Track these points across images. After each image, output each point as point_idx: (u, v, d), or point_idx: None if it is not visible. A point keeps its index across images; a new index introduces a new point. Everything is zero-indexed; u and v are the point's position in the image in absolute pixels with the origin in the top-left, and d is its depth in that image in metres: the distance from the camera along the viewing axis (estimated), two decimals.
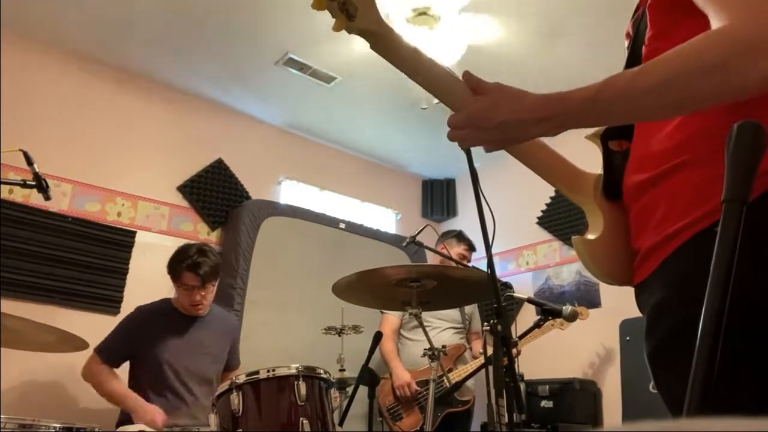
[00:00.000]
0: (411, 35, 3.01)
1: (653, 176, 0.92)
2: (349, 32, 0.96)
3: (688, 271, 0.85)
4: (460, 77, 0.98)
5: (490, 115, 0.91)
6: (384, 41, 0.97)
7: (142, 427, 2.38)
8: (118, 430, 2.43)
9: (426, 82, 1.00)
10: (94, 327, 2.99)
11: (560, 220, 4.10)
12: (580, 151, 1.22)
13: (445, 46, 3.12)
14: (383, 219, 4.74)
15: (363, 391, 2.27)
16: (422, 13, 3.04)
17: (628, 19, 1.07)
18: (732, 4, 0.78)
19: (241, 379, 1.91)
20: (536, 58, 3.43)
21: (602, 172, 1.08)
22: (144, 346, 2.59)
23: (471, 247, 3.53)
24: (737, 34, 0.75)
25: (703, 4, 0.82)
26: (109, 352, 2.59)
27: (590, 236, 1.04)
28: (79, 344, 2.08)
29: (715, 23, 0.78)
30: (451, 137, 0.96)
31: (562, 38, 3.27)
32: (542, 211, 4.28)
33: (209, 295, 2.66)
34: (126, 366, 2.68)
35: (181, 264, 2.58)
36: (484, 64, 3.44)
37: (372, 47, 0.98)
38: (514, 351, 2.56)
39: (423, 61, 0.99)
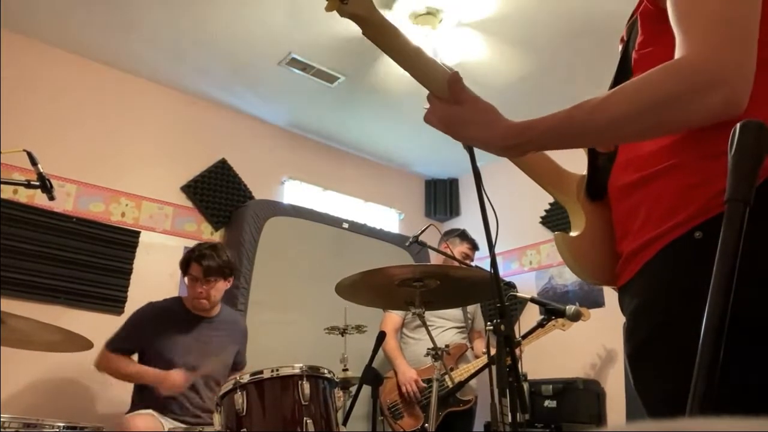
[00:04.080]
0: (414, 35, 3.02)
1: (638, 179, 0.94)
2: (341, 15, 0.97)
3: (667, 276, 0.87)
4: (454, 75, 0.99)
5: (462, 128, 0.97)
6: (375, 28, 0.98)
7: (149, 418, 2.40)
8: (124, 416, 2.46)
9: (417, 73, 1.01)
10: (99, 327, 3.00)
11: (564, 220, 4.09)
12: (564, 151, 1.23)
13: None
14: (386, 219, 4.75)
15: (366, 390, 2.27)
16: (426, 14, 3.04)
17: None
18: (692, 35, 0.80)
19: (245, 378, 1.91)
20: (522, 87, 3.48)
21: (586, 173, 1.10)
22: (152, 342, 2.61)
23: (474, 246, 3.53)
24: (690, 70, 0.78)
25: (673, 26, 0.85)
26: (117, 344, 2.63)
27: (572, 234, 1.06)
28: (83, 344, 2.08)
29: (677, 51, 0.81)
30: (427, 119, 1.02)
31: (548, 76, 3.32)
32: (546, 211, 4.28)
33: (214, 292, 2.68)
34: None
35: (191, 254, 2.70)
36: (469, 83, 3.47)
37: (364, 33, 0.99)
38: (517, 350, 2.56)
39: (415, 52, 1.00)
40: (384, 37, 0.99)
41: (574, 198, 1.09)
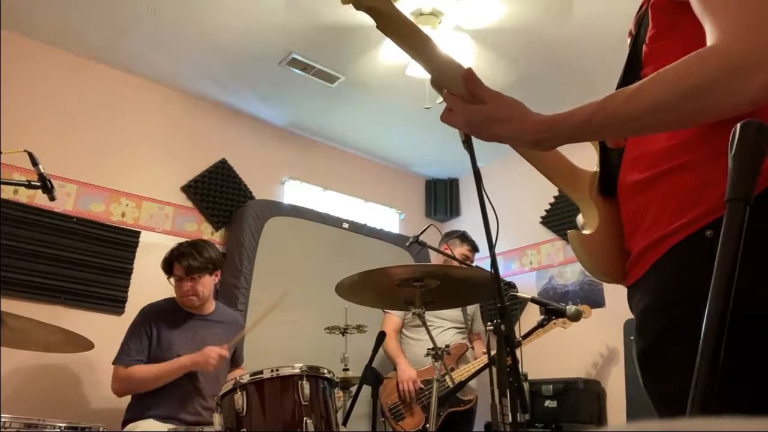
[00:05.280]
0: None
1: (648, 177, 0.93)
2: (357, 8, 0.96)
3: (677, 275, 0.87)
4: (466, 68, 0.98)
5: (488, 127, 0.94)
6: (389, 20, 0.98)
7: (148, 425, 2.39)
8: (125, 429, 2.44)
9: (430, 67, 1.00)
10: (99, 327, 3.01)
11: (564, 220, 4.09)
12: (577, 147, 1.23)
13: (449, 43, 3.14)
14: (387, 219, 4.75)
15: (366, 390, 2.28)
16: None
17: None
18: (725, 22, 0.78)
19: (246, 378, 1.91)
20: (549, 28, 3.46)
21: (598, 169, 1.09)
22: (155, 345, 2.60)
23: (474, 248, 3.53)
24: (725, 55, 0.76)
25: (700, 15, 0.83)
26: (132, 355, 2.53)
27: (585, 231, 1.05)
28: (84, 344, 2.08)
29: (709, 39, 0.79)
30: (445, 119, 0.99)
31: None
32: (546, 211, 4.27)
33: (200, 288, 2.65)
34: None
35: (172, 255, 2.67)
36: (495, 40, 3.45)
37: (378, 26, 0.98)
38: (517, 350, 2.56)
39: (429, 46, 0.99)
40: (398, 31, 0.98)
41: (586, 195, 1.08)
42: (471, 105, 0.95)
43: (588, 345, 3.75)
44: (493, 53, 3.34)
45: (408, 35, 0.99)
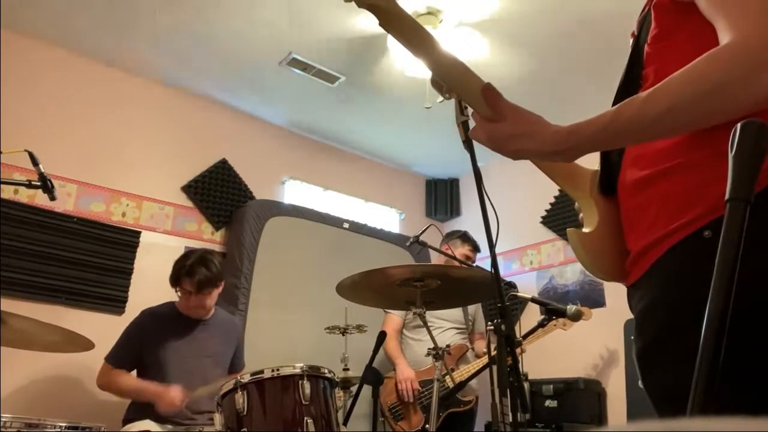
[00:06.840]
0: None
1: (648, 175, 0.93)
2: (359, 5, 0.97)
3: (676, 275, 0.87)
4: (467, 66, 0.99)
5: (509, 143, 0.95)
6: (391, 17, 0.98)
7: (147, 426, 2.39)
8: (123, 429, 2.45)
9: (432, 64, 1.00)
10: (100, 327, 3.01)
11: (564, 219, 4.09)
12: None
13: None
14: (387, 219, 4.75)
15: (367, 390, 2.28)
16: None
17: None
18: (736, 19, 0.78)
19: (246, 378, 1.91)
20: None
21: (599, 168, 1.09)
22: (149, 349, 2.60)
23: (475, 248, 3.53)
24: (739, 53, 0.76)
25: (710, 15, 0.83)
26: (119, 358, 2.63)
27: (585, 230, 1.05)
28: (84, 344, 2.08)
29: (722, 38, 0.79)
30: (473, 136, 1.01)
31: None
32: (546, 211, 4.27)
33: (208, 301, 2.68)
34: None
35: (181, 270, 2.64)
36: None
37: (380, 23, 0.99)
38: (518, 350, 2.56)
39: (431, 43, 0.99)
40: (400, 27, 0.98)
41: (587, 193, 1.08)
42: (492, 122, 0.96)
43: (588, 345, 3.75)
44: (501, 44, 3.30)
45: (410, 32, 0.99)
